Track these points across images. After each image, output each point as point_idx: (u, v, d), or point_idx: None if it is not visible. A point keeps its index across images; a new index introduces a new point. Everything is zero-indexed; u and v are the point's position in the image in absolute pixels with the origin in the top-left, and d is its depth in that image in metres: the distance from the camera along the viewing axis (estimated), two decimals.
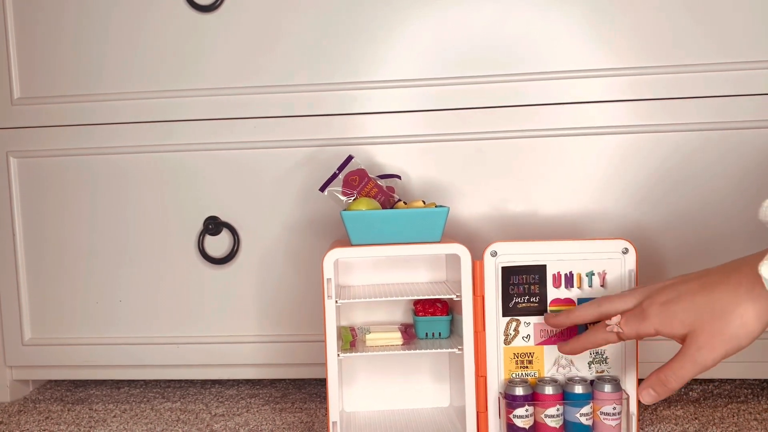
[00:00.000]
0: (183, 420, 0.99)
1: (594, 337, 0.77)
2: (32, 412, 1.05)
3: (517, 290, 0.85)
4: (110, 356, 1.07)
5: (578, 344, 0.79)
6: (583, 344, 0.79)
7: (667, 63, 0.95)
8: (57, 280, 1.07)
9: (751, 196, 0.96)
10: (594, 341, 0.77)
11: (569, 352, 0.80)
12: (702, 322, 0.67)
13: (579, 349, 0.79)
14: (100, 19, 1.03)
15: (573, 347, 0.80)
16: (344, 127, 1.00)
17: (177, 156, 1.03)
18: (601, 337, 0.76)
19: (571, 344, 0.80)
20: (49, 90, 1.04)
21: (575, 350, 0.80)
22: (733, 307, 0.65)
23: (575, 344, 0.79)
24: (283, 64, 1.00)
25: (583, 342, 0.78)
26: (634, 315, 0.73)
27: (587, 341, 0.78)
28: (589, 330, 0.78)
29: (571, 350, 0.80)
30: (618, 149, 0.97)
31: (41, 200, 1.06)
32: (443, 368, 0.95)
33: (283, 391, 1.10)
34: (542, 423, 0.82)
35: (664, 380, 0.70)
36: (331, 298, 0.83)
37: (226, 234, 1.04)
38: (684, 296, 0.69)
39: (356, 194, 0.91)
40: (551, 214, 0.99)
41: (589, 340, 0.78)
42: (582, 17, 0.96)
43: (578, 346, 0.79)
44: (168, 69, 1.02)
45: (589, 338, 0.78)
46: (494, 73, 0.98)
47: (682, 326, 0.68)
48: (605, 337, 0.76)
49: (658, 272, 0.97)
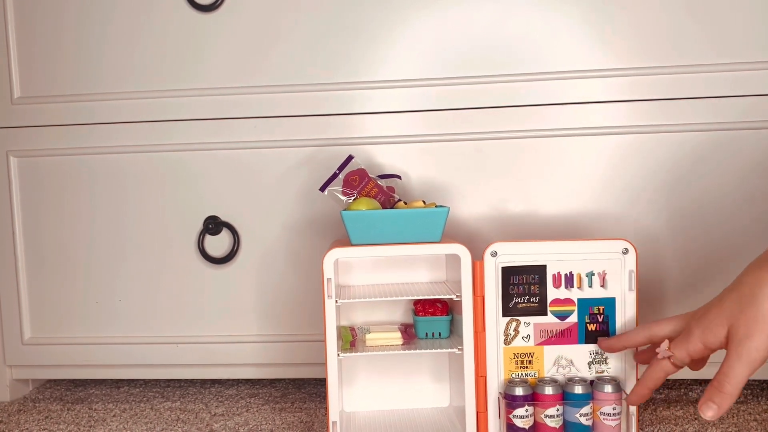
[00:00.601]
0: (183, 419, 0.99)
1: (653, 373, 0.77)
2: (32, 411, 1.05)
3: (517, 290, 0.85)
4: (110, 356, 1.07)
5: (642, 386, 0.78)
6: (645, 383, 0.78)
7: (667, 63, 0.95)
8: (57, 280, 1.07)
9: (751, 196, 0.96)
10: (654, 377, 0.77)
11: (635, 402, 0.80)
12: (735, 316, 0.68)
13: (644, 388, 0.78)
14: (100, 18, 1.03)
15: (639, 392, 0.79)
16: (344, 127, 1.00)
17: (177, 155, 1.03)
18: (659, 370, 0.76)
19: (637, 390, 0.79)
20: (49, 89, 1.04)
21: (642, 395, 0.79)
22: (758, 290, 0.67)
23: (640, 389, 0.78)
24: (284, 63, 1.00)
25: (645, 381, 0.78)
26: (681, 337, 0.74)
27: (649, 379, 0.77)
28: (646, 371, 0.78)
29: (638, 398, 0.79)
30: (618, 149, 0.97)
31: (41, 199, 1.06)
32: (443, 368, 0.95)
33: (283, 391, 1.10)
34: (542, 423, 0.82)
35: (718, 386, 0.69)
36: (331, 298, 0.83)
37: (226, 234, 1.04)
38: (715, 302, 0.72)
39: (356, 194, 0.91)
40: (551, 214, 0.99)
41: (650, 378, 0.77)
42: (582, 17, 0.96)
43: (644, 388, 0.78)
44: (168, 68, 1.02)
45: (649, 376, 0.77)
46: (494, 73, 0.98)
47: (722, 328, 0.69)
48: (662, 368, 0.76)
49: (658, 273, 0.97)
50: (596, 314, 0.85)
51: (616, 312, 0.84)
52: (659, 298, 0.98)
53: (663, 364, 0.75)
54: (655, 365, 0.76)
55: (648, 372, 0.78)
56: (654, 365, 0.76)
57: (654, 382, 0.77)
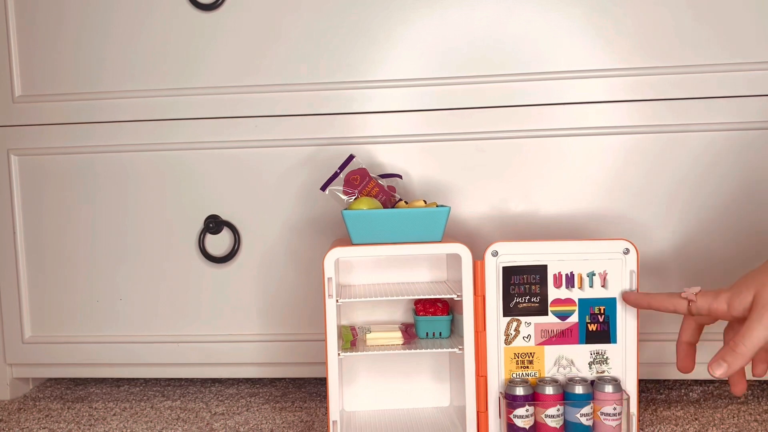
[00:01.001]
0: (183, 418, 0.99)
1: (665, 300, 0.78)
2: (32, 410, 1.05)
3: (518, 290, 0.85)
4: (110, 354, 1.07)
5: (645, 299, 0.80)
6: (649, 301, 0.79)
7: (669, 63, 0.95)
8: (57, 278, 1.07)
9: (755, 197, 0.96)
10: (662, 303, 0.78)
11: (633, 303, 0.81)
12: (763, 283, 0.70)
13: (644, 303, 0.80)
14: (102, 17, 1.03)
15: (638, 299, 0.80)
16: (345, 127, 1.00)
17: (178, 154, 1.03)
18: (672, 302, 0.77)
19: (638, 296, 0.80)
20: (51, 88, 1.04)
21: (639, 303, 0.80)
22: None
23: (642, 297, 0.80)
24: (285, 63, 1.00)
25: (652, 299, 0.79)
26: (711, 292, 0.76)
27: (655, 300, 0.79)
28: (662, 293, 0.79)
29: (636, 301, 0.81)
30: (620, 149, 0.97)
31: (42, 198, 1.06)
32: (444, 368, 0.95)
33: (284, 390, 1.10)
34: (542, 423, 0.82)
35: (733, 346, 0.70)
36: (331, 298, 0.83)
37: (227, 233, 1.04)
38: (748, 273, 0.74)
39: (357, 193, 0.91)
40: (552, 214, 0.99)
41: (657, 300, 0.78)
42: (583, 17, 0.96)
43: (644, 300, 0.80)
44: (169, 67, 1.02)
45: (659, 298, 0.78)
46: (495, 73, 0.98)
47: (749, 291, 0.71)
48: (675, 303, 0.77)
49: (659, 273, 0.97)
50: (597, 314, 0.85)
51: (616, 312, 0.84)
52: None
53: (680, 302, 0.77)
54: (673, 297, 0.78)
55: (662, 297, 0.79)
56: (672, 296, 0.78)
57: (659, 306, 0.79)
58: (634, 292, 0.83)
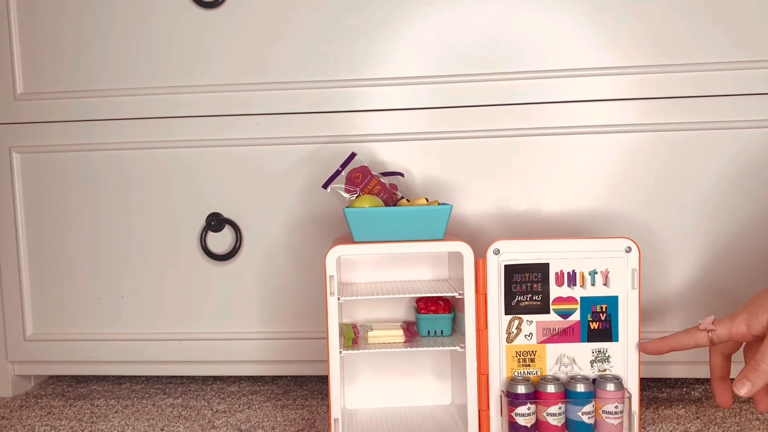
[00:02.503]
0: (184, 416, 0.99)
1: (684, 338, 0.77)
2: (34, 407, 1.05)
3: (520, 288, 0.85)
4: (112, 352, 1.07)
5: (665, 344, 0.79)
6: (669, 344, 0.78)
7: (673, 61, 0.95)
8: (59, 276, 1.07)
9: (758, 196, 0.95)
10: (683, 342, 0.77)
11: (654, 351, 0.80)
12: None
13: (665, 348, 0.79)
14: (103, 14, 1.03)
15: (658, 347, 0.79)
16: (347, 125, 1.00)
17: (180, 152, 1.03)
18: (692, 338, 0.77)
19: (656, 343, 0.79)
20: (52, 85, 1.04)
21: (661, 349, 0.79)
22: None
23: (661, 344, 0.79)
24: (286, 61, 1.00)
25: (672, 342, 0.78)
26: (727, 317, 0.76)
27: (675, 341, 0.78)
28: (679, 332, 0.78)
29: (656, 349, 0.79)
30: (623, 148, 0.97)
31: (44, 196, 1.06)
32: (445, 366, 0.95)
33: (285, 388, 1.10)
34: (544, 421, 0.82)
35: (755, 365, 0.71)
36: (333, 296, 0.83)
37: (229, 230, 1.04)
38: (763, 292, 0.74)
39: (359, 191, 0.91)
40: (554, 212, 0.99)
41: (677, 341, 0.78)
42: (587, 15, 0.96)
43: (665, 345, 0.79)
44: (171, 65, 1.02)
45: (678, 338, 0.77)
46: (498, 71, 0.97)
47: (765, 311, 0.72)
48: (696, 338, 0.76)
49: (661, 272, 0.97)
50: (599, 312, 0.85)
51: (618, 310, 0.84)
52: (662, 296, 0.98)
53: (699, 335, 0.76)
54: (690, 332, 0.77)
55: (680, 336, 0.78)
56: (690, 332, 0.77)
57: (680, 346, 0.78)
58: (651, 342, 0.81)
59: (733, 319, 0.75)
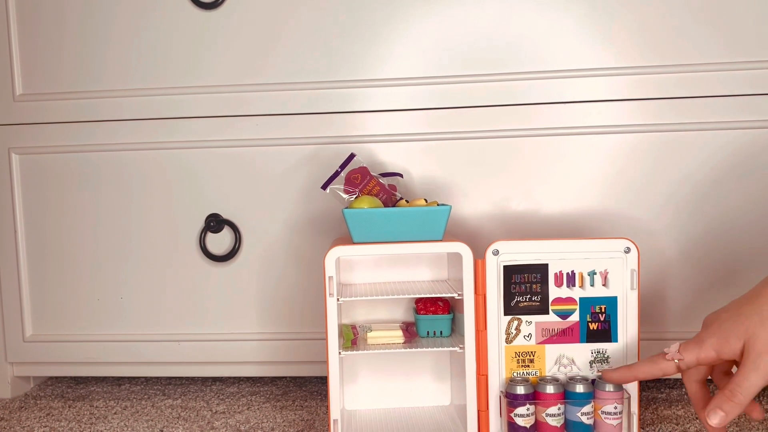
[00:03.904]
0: (184, 417, 0.99)
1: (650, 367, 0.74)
2: (33, 408, 1.05)
3: (519, 289, 0.85)
4: (111, 353, 1.07)
5: (629, 373, 0.76)
6: (635, 373, 0.76)
7: (671, 62, 0.95)
8: (58, 277, 1.07)
9: (757, 197, 0.95)
10: (648, 371, 0.74)
11: (617, 380, 0.77)
12: (754, 328, 0.67)
13: (630, 377, 0.76)
14: (103, 15, 1.03)
15: (622, 375, 0.76)
16: (346, 125, 1.00)
17: (179, 153, 1.03)
18: (659, 368, 0.73)
19: (621, 372, 0.76)
20: (52, 86, 1.04)
21: (625, 378, 0.77)
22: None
23: (626, 373, 0.76)
24: (285, 61, 1.00)
25: (636, 371, 0.75)
26: (692, 342, 0.72)
27: (640, 371, 0.75)
28: (645, 359, 0.75)
29: (620, 378, 0.77)
30: (621, 148, 0.97)
31: (43, 197, 1.06)
32: (444, 367, 0.95)
33: (284, 389, 1.10)
34: (543, 422, 0.82)
35: (729, 396, 0.67)
36: (332, 296, 0.83)
37: (228, 231, 1.04)
38: (732, 311, 0.70)
39: (358, 192, 0.91)
40: (553, 213, 0.99)
41: (643, 370, 0.75)
42: (585, 16, 0.96)
43: (629, 374, 0.76)
44: (170, 66, 1.02)
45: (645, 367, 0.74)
46: (496, 71, 0.98)
47: (737, 339, 0.68)
48: (663, 367, 0.73)
49: (660, 272, 0.97)
50: (598, 313, 0.85)
51: (617, 311, 0.84)
52: (661, 297, 0.98)
53: (666, 364, 0.73)
54: (657, 361, 0.74)
55: (645, 364, 0.75)
56: (656, 360, 0.74)
57: (646, 375, 0.75)
58: (614, 369, 0.78)
59: (700, 344, 0.71)
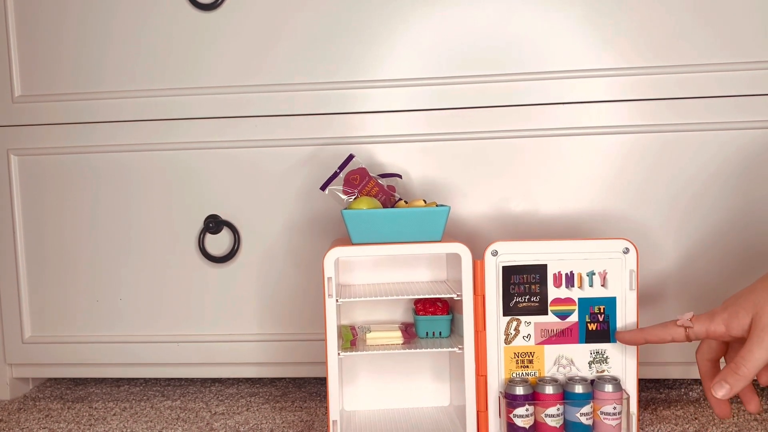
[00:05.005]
0: (183, 418, 0.99)
1: (660, 331, 0.77)
2: (32, 410, 1.05)
3: (518, 290, 0.85)
4: (110, 354, 1.07)
5: (641, 335, 0.79)
6: (646, 336, 0.78)
7: (669, 63, 0.95)
8: (57, 278, 1.07)
9: (755, 197, 0.96)
10: (659, 335, 0.77)
11: (629, 341, 0.80)
12: (762, 303, 0.69)
13: (640, 339, 0.79)
14: (102, 16, 1.03)
15: (634, 337, 0.79)
16: (345, 126, 1.00)
17: (178, 154, 1.03)
18: (669, 333, 0.76)
19: (632, 334, 0.79)
20: (51, 87, 1.04)
21: (636, 340, 0.79)
22: None
23: (636, 335, 0.79)
24: (284, 62, 1.00)
25: (647, 334, 0.78)
26: (705, 314, 0.75)
27: (651, 334, 0.77)
28: (656, 324, 0.78)
29: (632, 339, 0.79)
30: (620, 149, 0.97)
31: (42, 198, 1.06)
32: (443, 367, 0.95)
33: (284, 390, 1.10)
34: (542, 422, 0.82)
35: (735, 368, 0.70)
36: (331, 297, 0.83)
37: (227, 232, 1.04)
38: (744, 291, 0.73)
39: (357, 193, 0.91)
40: (552, 213, 0.99)
41: (653, 333, 0.77)
42: (584, 17, 0.96)
43: (640, 337, 0.79)
44: (169, 67, 1.02)
45: (655, 331, 0.77)
46: (495, 72, 0.98)
47: (746, 313, 0.71)
48: (672, 332, 0.76)
49: (659, 272, 0.97)
50: (597, 314, 0.85)
51: (616, 311, 0.84)
52: (660, 297, 0.98)
53: (676, 330, 0.76)
54: (668, 327, 0.77)
55: (657, 328, 0.77)
56: (667, 326, 0.77)
57: (656, 339, 0.78)
58: (628, 331, 0.82)
59: (711, 317, 0.74)
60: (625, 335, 0.81)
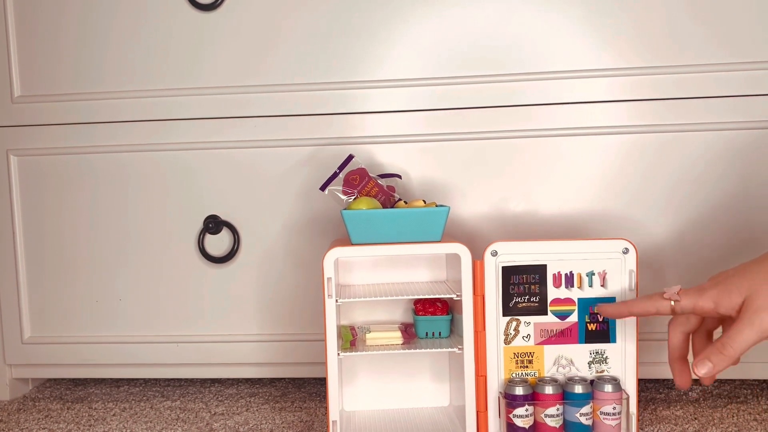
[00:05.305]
0: (182, 419, 0.99)
1: (645, 304, 0.75)
2: (32, 410, 1.05)
3: (518, 290, 0.85)
4: (110, 355, 1.07)
5: (625, 308, 0.77)
6: (630, 308, 0.76)
7: (669, 63, 0.95)
8: (57, 279, 1.07)
9: (753, 198, 0.96)
10: (644, 308, 0.75)
11: (612, 314, 0.78)
12: (757, 285, 0.67)
13: (624, 312, 0.77)
14: (101, 17, 1.03)
15: (617, 310, 0.77)
16: (345, 127, 1.00)
17: (177, 155, 1.03)
18: (654, 305, 0.74)
19: (618, 307, 0.77)
20: (50, 88, 1.04)
21: (620, 312, 0.78)
22: None
23: (621, 307, 0.77)
24: (284, 63, 1.00)
25: (631, 306, 0.76)
26: (694, 289, 0.73)
27: (636, 306, 0.75)
28: (641, 296, 0.76)
29: (615, 312, 0.78)
30: (619, 149, 0.97)
31: (41, 198, 1.06)
32: (443, 368, 0.95)
33: (283, 390, 1.10)
34: (542, 423, 0.82)
35: (720, 348, 0.68)
36: (331, 297, 0.83)
37: (227, 233, 1.04)
38: (738, 269, 0.71)
39: (357, 193, 0.91)
40: (552, 213, 0.99)
41: (638, 305, 0.75)
42: (584, 17, 0.96)
43: (624, 309, 0.77)
44: (169, 67, 1.02)
45: (640, 303, 0.75)
46: (495, 72, 0.98)
47: (739, 294, 0.69)
48: (658, 305, 0.74)
49: (658, 272, 0.97)
50: (596, 314, 0.85)
51: None
52: None
53: (662, 303, 0.73)
54: (654, 299, 0.74)
55: (642, 300, 0.76)
56: (653, 298, 0.75)
57: (641, 311, 0.76)
58: (612, 305, 0.80)
59: (701, 292, 0.72)
60: (608, 308, 0.79)
